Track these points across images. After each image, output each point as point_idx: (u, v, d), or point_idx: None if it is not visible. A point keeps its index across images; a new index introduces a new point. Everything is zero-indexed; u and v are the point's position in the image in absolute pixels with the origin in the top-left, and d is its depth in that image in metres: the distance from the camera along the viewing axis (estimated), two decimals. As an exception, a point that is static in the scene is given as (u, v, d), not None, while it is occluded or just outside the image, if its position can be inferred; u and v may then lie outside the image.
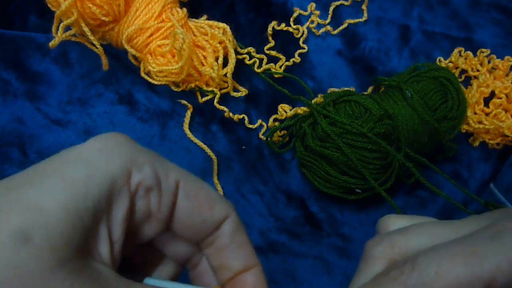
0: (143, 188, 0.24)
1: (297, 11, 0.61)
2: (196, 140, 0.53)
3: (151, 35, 0.52)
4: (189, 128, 0.54)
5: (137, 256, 0.27)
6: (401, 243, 0.24)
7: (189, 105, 0.54)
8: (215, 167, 0.52)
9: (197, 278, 0.29)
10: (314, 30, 0.60)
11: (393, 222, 0.27)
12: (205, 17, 0.57)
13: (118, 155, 0.23)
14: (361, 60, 0.59)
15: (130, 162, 0.23)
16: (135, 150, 0.24)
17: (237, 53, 0.56)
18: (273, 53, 0.58)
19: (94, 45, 0.51)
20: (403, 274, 0.22)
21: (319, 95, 0.54)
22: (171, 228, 0.26)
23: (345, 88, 0.54)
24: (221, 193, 0.51)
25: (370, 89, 0.57)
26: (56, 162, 0.22)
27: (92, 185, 0.22)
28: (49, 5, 0.49)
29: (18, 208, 0.20)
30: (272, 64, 0.58)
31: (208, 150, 0.52)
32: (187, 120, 0.54)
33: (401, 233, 0.25)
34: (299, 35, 0.60)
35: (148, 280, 0.26)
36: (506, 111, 0.54)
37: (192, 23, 0.54)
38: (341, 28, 0.60)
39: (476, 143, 0.55)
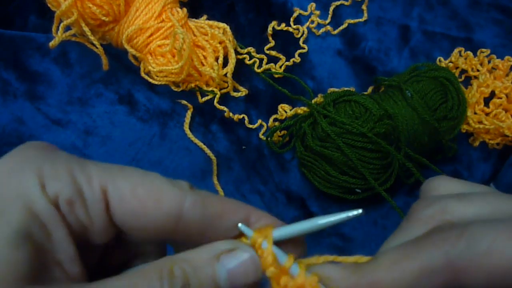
0: (63, 201, 0.21)
1: (297, 11, 0.61)
2: (196, 140, 0.53)
3: (151, 35, 0.52)
4: (189, 128, 0.54)
5: (116, 249, 0.25)
6: (456, 210, 0.21)
7: (189, 105, 0.54)
8: (215, 167, 0.52)
9: None
10: (314, 30, 0.60)
11: (444, 185, 0.24)
12: (205, 17, 0.57)
13: (28, 171, 0.21)
14: (361, 60, 0.59)
15: (43, 176, 0.21)
16: (48, 160, 0.22)
17: (237, 53, 0.56)
18: (273, 53, 0.58)
19: (94, 45, 0.51)
20: (446, 241, 0.19)
21: (319, 95, 0.54)
22: (125, 232, 0.23)
23: (345, 88, 0.54)
24: (222, 194, 0.51)
25: (370, 89, 0.57)
26: None
27: (12, 213, 0.20)
28: (49, 5, 0.49)
29: None
30: (272, 64, 0.58)
31: (207, 151, 0.52)
32: (187, 120, 0.54)
33: (458, 199, 0.22)
34: (299, 35, 0.60)
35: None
36: (506, 111, 0.54)
37: (192, 23, 0.54)
38: (341, 28, 0.60)
39: (476, 143, 0.55)
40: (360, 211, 0.23)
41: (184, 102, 0.54)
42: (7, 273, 0.18)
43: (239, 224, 0.23)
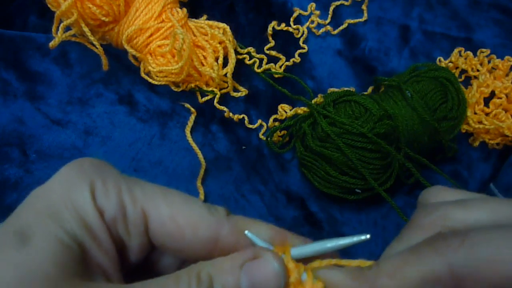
0: (108, 216, 0.23)
1: (297, 11, 0.61)
2: (193, 144, 0.52)
3: (151, 35, 0.52)
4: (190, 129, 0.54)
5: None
6: (457, 216, 0.21)
7: (192, 109, 0.54)
8: (202, 171, 0.51)
9: None
10: (314, 30, 0.60)
11: (442, 194, 0.24)
12: (205, 17, 0.57)
13: (83, 184, 0.23)
14: (361, 60, 0.59)
15: (94, 191, 0.23)
16: (101, 176, 0.24)
17: (237, 53, 0.56)
18: (273, 53, 0.58)
19: (94, 45, 0.51)
20: (448, 248, 0.19)
21: (319, 95, 0.54)
22: (161, 250, 0.26)
23: (345, 88, 0.54)
24: (202, 197, 0.51)
25: (370, 89, 0.57)
26: (29, 209, 0.23)
27: (66, 218, 0.22)
28: (49, 5, 0.49)
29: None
30: (272, 64, 0.58)
31: (200, 156, 0.52)
32: (190, 123, 0.53)
33: (458, 206, 0.22)
34: (299, 35, 0.60)
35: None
36: (506, 111, 0.54)
37: (192, 23, 0.54)
38: (341, 28, 0.60)
39: (476, 143, 0.55)
40: (368, 236, 0.24)
41: (187, 105, 0.54)
42: (56, 263, 0.21)
43: (246, 232, 0.25)
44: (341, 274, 0.23)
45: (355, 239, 0.24)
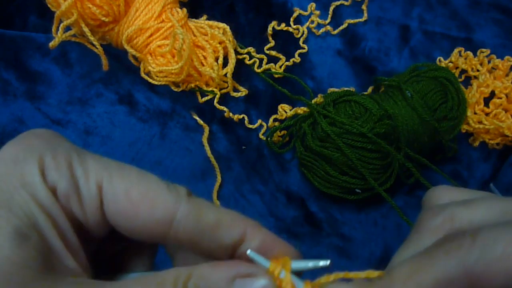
0: (60, 193, 0.21)
1: (297, 11, 0.61)
2: (211, 156, 0.52)
3: (151, 35, 0.52)
4: (189, 128, 0.54)
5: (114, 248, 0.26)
6: (464, 217, 0.21)
7: (204, 125, 0.53)
8: (217, 185, 0.51)
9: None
10: (314, 30, 0.60)
11: (447, 194, 0.24)
12: (205, 17, 0.57)
13: (30, 160, 0.21)
14: (361, 60, 0.59)
15: (43, 166, 0.21)
16: (50, 150, 0.22)
17: (237, 53, 0.56)
18: (273, 53, 0.58)
19: (94, 45, 0.51)
20: (460, 249, 0.19)
21: (319, 95, 0.54)
22: (118, 230, 0.23)
23: (345, 88, 0.54)
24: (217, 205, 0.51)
25: (370, 89, 0.57)
26: None
27: (18, 203, 0.20)
28: (49, 5, 0.49)
29: None
30: (272, 64, 0.58)
31: (217, 170, 0.52)
32: (205, 134, 0.53)
33: (465, 206, 0.22)
34: (299, 35, 0.60)
35: (123, 276, 0.25)
36: (506, 111, 0.54)
37: (192, 23, 0.54)
38: (341, 28, 0.60)
39: (476, 143, 0.55)
40: (327, 262, 0.24)
41: (201, 122, 0.54)
42: (17, 261, 0.19)
43: (248, 251, 0.23)
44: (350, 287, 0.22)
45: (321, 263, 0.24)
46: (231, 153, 0.53)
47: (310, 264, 0.24)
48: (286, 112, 0.55)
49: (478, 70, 0.58)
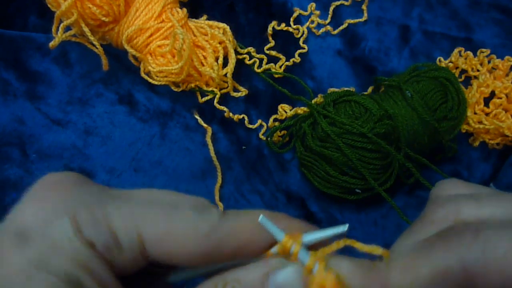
0: (100, 246, 0.21)
1: (297, 11, 0.61)
2: (214, 156, 0.52)
3: (151, 35, 0.52)
4: (188, 128, 0.54)
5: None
6: (471, 211, 0.21)
7: (208, 128, 0.53)
8: (217, 186, 0.51)
9: None
10: (314, 30, 0.60)
11: (455, 187, 0.23)
12: (205, 17, 0.57)
13: (63, 218, 0.21)
14: (361, 60, 0.59)
15: (77, 220, 0.21)
16: (82, 201, 0.22)
17: (237, 53, 0.56)
18: (273, 53, 0.58)
19: (94, 45, 0.51)
20: (461, 243, 0.19)
21: (319, 95, 0.54)
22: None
23: (345, 88, 0.54)
24: (221, 207, 0.51)
25: (370, 89, 0.57)
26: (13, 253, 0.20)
27: (54, 264, 0.20)
28: (49, 5, 0.49)
29: None
30: (272, 64, 0.58)
31: (219, 171, 0.52)
32: (209, 133, 0.53)
33: (472, 199, 0.21)
34: (299, 35, 0.60)
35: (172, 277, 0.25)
36: (506, 111, 0.54)
37: (192, 23, 0.54)
38: (341, 28, 0.60)
39: (476, 143, 0.55)
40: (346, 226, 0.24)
41: (202, 123, 0.54)
42: None
43: (260, 218, 0.23)
44: (352, 266, 0.22)
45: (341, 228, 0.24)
46: (231, 153, 0.53)
47: (327, 233, 0.24)
48: (286, 112, 0.55)
49: (478, 70, 0.58)
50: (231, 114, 0.54)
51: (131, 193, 0.23)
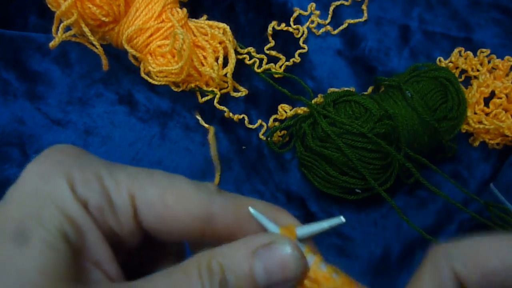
0: (92, 206, 0.21)
1: (297, 11, 0.61)
2: (215, 155, 0.52)
3: (151, 35, 0.52)
4: (188, 128, 0.54)
5: (145, 252, 0.26)
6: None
7: (211, 127, 0.53)
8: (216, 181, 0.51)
9: None
10: (314, 30, 0.60)
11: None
12: (205, 17, 0.57)
13: (59, 176, 0.21)
14: (361, 60, 0.59)
15: (73, 182, 0.21)
16: (78, 165, 0.22)
17: (237, 53, 0.56)
18: (273, 53, 0.58)
19: (94, 45, 0.51)
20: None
21: (319, 95, 0.54)
22: (152, 236, 0.24)
23: (345, 88, 0.54)
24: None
25: (370, 89, 0.57)
26: (9, 206, 0.21)
27: (48, 216, 0.20)
28: (49, 5, 0.49)
29: None
30: (272, 64, 0.58)
31: (218, 171, 0.52)
32: (212, 134, 0.53)
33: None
34: (299, 35, 0.60)
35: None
36: (506, 111, 0.54)
37: (192, 23, 0.54)
38: (341, 28, 0.60)
39: (476, 143, 0.55)
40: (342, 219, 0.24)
41: (203, 123, 0.54)
42: (48, 273, 0.19)
43: (251, 209, 0.23)
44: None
45: (336, 221, 0.24)
46: (231, 153, 0.53)
47: (322, 225, 0.23)
48: (286, 112, 0.55)
49: (478, 70, 0.58)
50: (231, 114, 0.54)
51: (128, 165, 0.24)
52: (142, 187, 0.22)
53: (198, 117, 0.54)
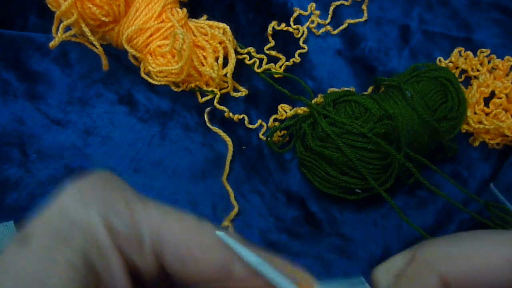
0: (122, 238, 0.22)
1: (297, 11, 0.61)
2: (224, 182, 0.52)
3: (151, 35, 0.52)
4: (188, 128, 0.54)
5: None
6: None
7: (229, 140, 0.53)
8: (225, 171, 0.51)
9: None
10: (314, 30, 0.60)
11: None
12: (205, 17, 0.57)
13: (93, 204, 0.22)
14: (361, 60, 0.59)
15: (106, 210, 0.22)
16: (112, 195, 0.23)
17: (237, 53, 0.56)
18: (273, 53, 0.58)
19: (94, 45, 0.51)
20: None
21: (319, 95, 0.54)
22: (171, 275, 0.24)
23: (345, 88, 0.54)
24: (231, 194, 0.51)
25: (370, 89, 0.57)
26: (39, 226, 0.21)
27: (76, 239, 0.21)
28: (49, 5, 0.49)
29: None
30: (272, 64, 0.58)
31: (233, 200, 0.51)
32: (230, 149, 0.53)
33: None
34: (299, 35, 0.60)
35: None
36: (506, 111, 0.54)
37: (192, 23, 0.54)
38: (341, 28, 0.60)
39: (476, 143, 0.55)
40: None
41: (222, 134, 0.53)
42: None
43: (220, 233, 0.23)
44: None
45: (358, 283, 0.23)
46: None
47: (341, 284, 0.24)
48: (286, 112, 0.55)
49: (478, 70, 0.58)
50: (231, 114, 0.54)
51: (158, 202, 0.24)
52: (171, 226, 0.23)
53: (206, 119, 0.54)
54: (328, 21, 0.61)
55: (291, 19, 0.60)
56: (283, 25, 0.60)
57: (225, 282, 0.23)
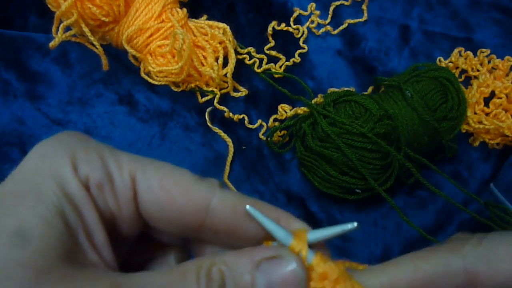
0: (93, 184, 0.21)
1: (297, 11, 0.61)
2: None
3: (151, 35, 0.52)
4: (188, 128, 0.54)
5: (142, 248, 0.25)
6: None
7: (228, 137, 0.53)
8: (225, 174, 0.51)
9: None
10: (314, 30, 0.60)
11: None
12: (205, 17, 0.57)
13: (61, 154, 0.21)
14: (361, 60, 0.59)
15: (75, 159, 0.21)
16: (81, 145, 0.22)
17: (237, 53, 0.56)
18: (273, 53, 0.58)
19: (94, 45, 0.51)
20: (464, 247, 0.22)
21: (319, 95, 0.54)
22: (151, 225, 0.23)
23: (345, 88, 0.54)
24: (233, 188, 0.51)
25: (370, 89, 0.57)
26: (9, 183, 0.21)
27: (46, 192, 0.20)
28: (49, 5, 0.49)
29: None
30: (272, 64, 0.58)
31: (227, 139, 0.52)
32: (230, 154, 0.53)
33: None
34: (299, 35, 0.60)
35: None
36: (506, 111, 0.54)
37: (192, 23, 0.54)
38: (341, 28, 0.60)
39: (476, 143, 0.55)
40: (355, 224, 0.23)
41: (228, 139, 0.53)
42: (43, 249, 0.18)
43: (247, 207, 0.22)
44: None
45: (349, 226, 0.23)
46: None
47: (334, 230, 0.23)
48: (286, 112, 0.55)
49: (478, 70, 0.58)
50: (231, 114, 0.54)
51: (131, 153, 0.24)
52: (143, 170, 0.22)
53: (207, 118, 0.54)
54: (328, 21, 0.61)
55: (291, 19, 0.60)
56: (283, 25, 0.60)
57: (205, 227, 0.23)
